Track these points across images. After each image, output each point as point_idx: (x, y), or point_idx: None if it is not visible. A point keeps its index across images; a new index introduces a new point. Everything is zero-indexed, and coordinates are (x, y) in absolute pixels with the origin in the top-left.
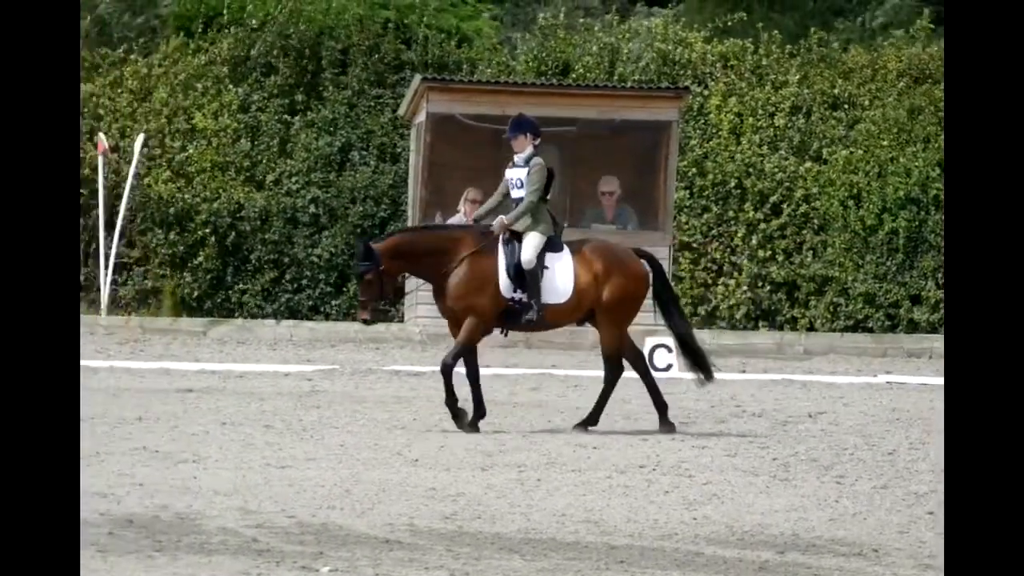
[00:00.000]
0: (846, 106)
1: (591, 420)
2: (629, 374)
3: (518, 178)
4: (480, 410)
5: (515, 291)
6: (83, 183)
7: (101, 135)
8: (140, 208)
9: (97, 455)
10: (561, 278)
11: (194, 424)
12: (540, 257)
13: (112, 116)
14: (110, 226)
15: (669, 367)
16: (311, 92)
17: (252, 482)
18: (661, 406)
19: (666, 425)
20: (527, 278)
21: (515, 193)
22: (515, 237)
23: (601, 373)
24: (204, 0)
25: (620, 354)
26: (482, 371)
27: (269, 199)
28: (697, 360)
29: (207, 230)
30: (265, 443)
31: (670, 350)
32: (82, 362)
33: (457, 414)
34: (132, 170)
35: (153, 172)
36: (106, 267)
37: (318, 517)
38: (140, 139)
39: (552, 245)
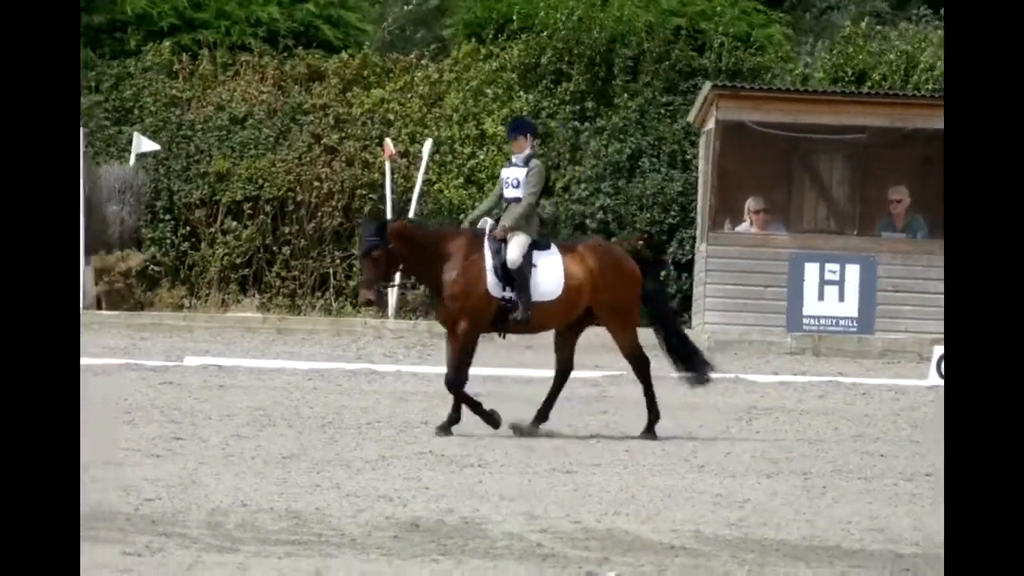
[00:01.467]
0: None
1: (653, 418)
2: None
3: (515, 177)
4: (456, 416)
5: (504, 290)
6: (371, 188)
7: (388, 140)
8: (431, 214)
9: (383, 459)
10: (550, 276)
11: (480, 428)
12: (527, 256)
13: (402, 121)
14: None
15: None
16: (601, 99)
17: (537, 487)
18: (654, 415)
19: (650, 433)
20: (516, 277)
21: (509, 192)
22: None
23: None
24: (495, 7)
25: (640, 350)
26: (773, 379)
27: (558, 205)
28: (691, 363)
29: None
30: (551, 448)
31: None
32: (370, 366)
33: (488, 416)
34: (420, 175)
35: (443, 178)
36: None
37: (603, 522)
38: (428, 144)
39: (538, 244)
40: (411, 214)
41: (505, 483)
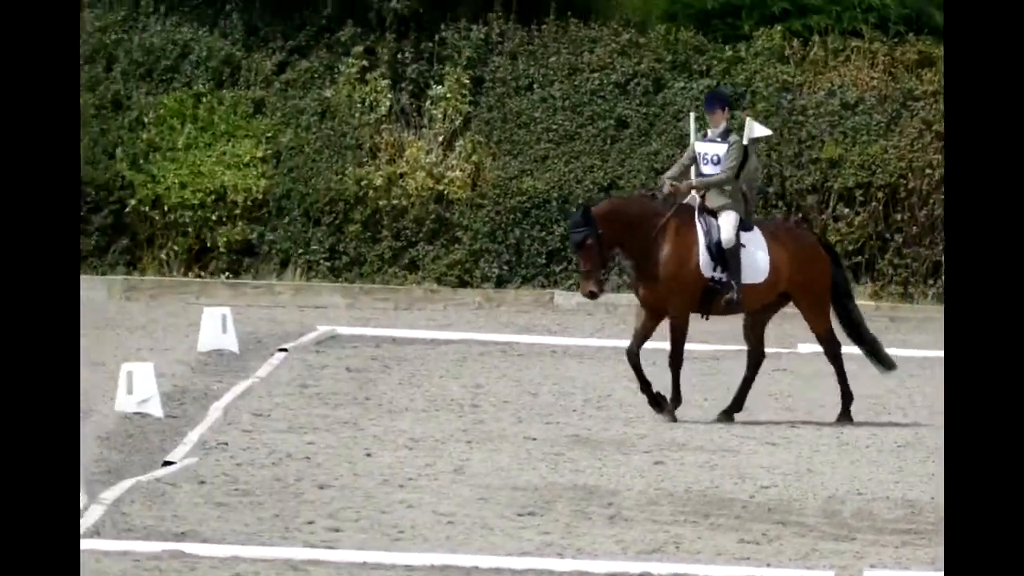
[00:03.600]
0: None
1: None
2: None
3: (715, 154)
4: (677, 397)
5: (714, 269)
6: None
7: None
8: None
9: None
10: (757, 258)
11: None
12: (735, 236)
13: None
14: None
15: None
16: None
17: None
18: (848, 398)
19: (846, 417)
20: (728, 257)
21: (708, 169)
22: (711, 215)
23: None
24: None
25: (833, 333)
26: None
27: None
28: (873, 349)
29: None
30: None
31: None
32: None
33: (656, 400)
34: None
35: None
36: None
37: None
38: None
39: (742, 224)
40: None
41: None
